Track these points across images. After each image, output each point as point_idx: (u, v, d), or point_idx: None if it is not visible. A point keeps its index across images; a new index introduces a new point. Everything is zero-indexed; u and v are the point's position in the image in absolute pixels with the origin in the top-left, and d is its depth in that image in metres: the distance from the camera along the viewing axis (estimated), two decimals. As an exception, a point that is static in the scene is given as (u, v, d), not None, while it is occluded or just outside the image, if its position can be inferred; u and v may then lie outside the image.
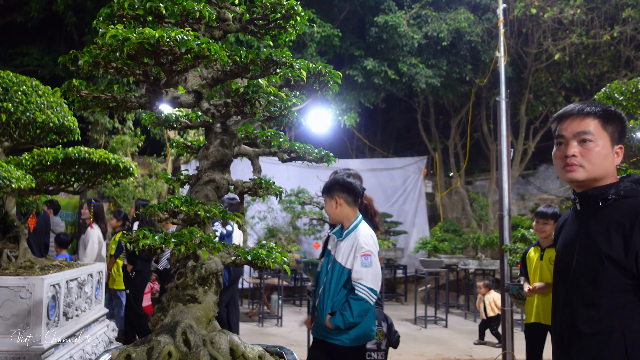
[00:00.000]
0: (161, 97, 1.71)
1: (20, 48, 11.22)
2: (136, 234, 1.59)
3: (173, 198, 1.67)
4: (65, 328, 3.97)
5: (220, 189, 2.01)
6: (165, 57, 1.43)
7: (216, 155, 2.01)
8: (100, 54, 1.45)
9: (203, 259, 1.79)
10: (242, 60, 1.62)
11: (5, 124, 4.11)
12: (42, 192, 4.68)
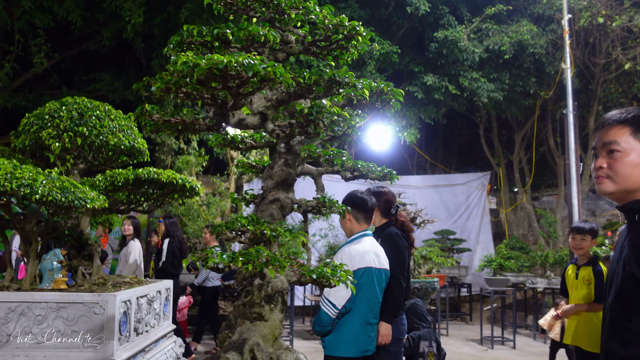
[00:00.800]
0: (228, 119, 1.76)
1: (93, 75, 11.82)
2: (205, 252, 1.64)
3: (240, 217, 1.71)
4: (135, 343, 4.09)
5: (284, 208, 2.04)
6: (232, 81, 1.48)
7: (280, 174, 2.05)
8: (171, 80, 1.51)
9: (269, 277, 1.81)
10: (306, 82, 1.65)
11: (80, 147, 4.33)
12: (114, 212, 4.88)
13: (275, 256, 1.68)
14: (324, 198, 2.07)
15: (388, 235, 4.29)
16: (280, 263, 1.66)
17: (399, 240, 4.33)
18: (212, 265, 1.59)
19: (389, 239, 4.29)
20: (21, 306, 3.67)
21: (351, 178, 2.22)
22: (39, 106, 10.94)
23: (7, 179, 3.34)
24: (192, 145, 11.99)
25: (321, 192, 2.19)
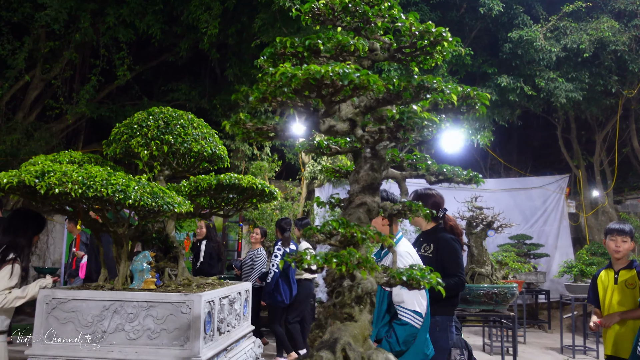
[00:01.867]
0: (319, 126, 1.83)
1: (171, 85, 12.32)
2: (299, 254, 1.71)
3: (331, 220, 1.77)
4: (218, 342, 4.25)
5: (371, 212, 2.08)
6: (326, 90, 1.54)
7: (366, 179, 2.09)
8: (268, 89, 1.59)
9: (359, 279, 1.86)
10: (395, 88, 1.69)
11: (166, 154, 4.55)
12: (197, 216, 5.09)
13: (367, 258, 1.73)
14: (411, 202, 2.10)
15: (442, 240, 4.22)
16: (372, 265, 1.70)
17: (455, 244, 4.25)
18: (306, 266, 1.66)
19: (444, 243, 4.21)
20: (115, 305, 3.90)
21: (436, 182, 2.23)
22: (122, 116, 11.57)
23: (103, 185, 3.57)
24: (265, 151, 12.26)
25: (405, 196, 2.22)
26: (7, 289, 4.18)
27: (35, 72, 11.13)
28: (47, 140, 11.32)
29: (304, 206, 11.50)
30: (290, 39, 1.71)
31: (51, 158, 4.40)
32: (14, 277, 4.24)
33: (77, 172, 3.62)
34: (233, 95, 1.78)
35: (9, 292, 4.19)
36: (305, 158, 11.86)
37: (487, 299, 5.34)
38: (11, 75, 10.63)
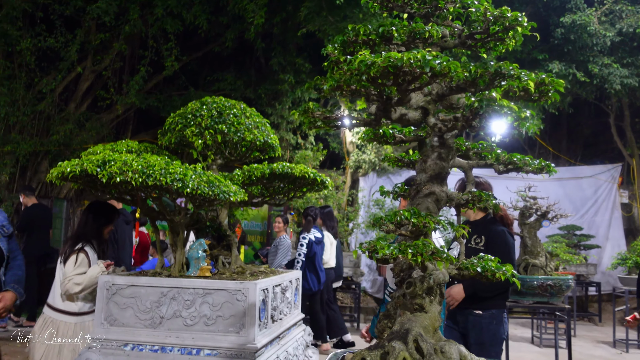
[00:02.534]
0: (390, 114, 1.80)
1: (217, 75, 12.45)
2: (373, 244, 1.69)
3: (403, 210, 1.75)
4: (272, 330, 4.29)
5: (439, 201, 2.05)
6: (403, 77, 1.52)
7: (434, 168, 2.06)
8: (343, 78, 1.58)
9: (431, 270, 1.84)
10: (471, 75, 1.65)
11: (220, 143, 4.60)
12: (249, 205, 5.14)
13: (441, 249, 1.70)
14: (480, 192, 2.06)
15: (495, 233, 4.13)
16: (447, 255, 1.68)
17: (509, 239, 4.15)
18: (382, 256, 1.64)
19: (498, 236, 4.12)
20: (172, 291, 3.97)
21: (504, 171, 2.18)
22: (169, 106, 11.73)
23: (162, 174, 3.63)
24: (309, 140, 12.28)
25: (471, 186, 2.18)
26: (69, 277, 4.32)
27: (87, 63, 11.40)
28: (97, 130, 11.62)
29: (348, 195, 11.48)
30: (363, 27, 1.69)
31: (109, 147, 4.50)
32: (80, 266, 4.38)
33: (137, 161, 3.69)
34: (307, 84, 1.77)
35: (69, 280, 4.33)
36: (349, 147, 11.83)
37: (542, 290, 5.23)
38: (64, 67, 10.93)
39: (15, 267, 3.06)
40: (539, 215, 5.56)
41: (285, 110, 11.76)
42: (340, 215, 10.86)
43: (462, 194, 2.14)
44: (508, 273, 1.72)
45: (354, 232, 11.03)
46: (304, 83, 11.81)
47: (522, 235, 5.65)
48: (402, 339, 1.79)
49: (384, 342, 1.84)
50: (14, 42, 10.61)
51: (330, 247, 7.73)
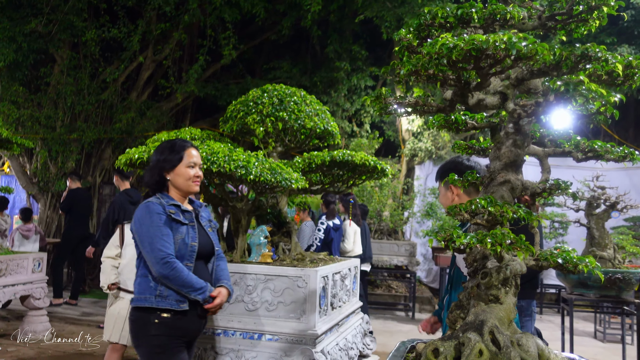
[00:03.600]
0: (467, 100, 1.75)
1: (273, 63, 12.52)
2: (449, 232, 1.66)
3: (480, 198, 1.70)
4: (331, 317, 4.31)
5: (514, 190, 1.98)
6: (485, 61, 1.47)
7: (509, 155, 1.99)
8: (420, 62, 1.54)
9: (507, 260, 1.78)
10: (555, 58, 1.58)
11: (280, 131, 4.62)
12: (308, 192, 5.16)
13: (520, 239, 1.64)
14: (558, 181, 1.98)
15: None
16: (527, 246, 1.62)
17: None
18: (459, 246, 1.61)
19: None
20: (234, 277, 4.04)
21: (583, 159, 2.09)
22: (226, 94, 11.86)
23: (226, 160, 3.68)
24: (365, 128, 12.21)
25: (547, 174, 2.10)
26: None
27: (148, 53, 11.69)
28: (158, 118, 11.92)
29: (403, 183, 11.37)
30: (440, 9, 1.64)
31: (173, 134, 4.60)
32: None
33: (201, 148, 3.75)
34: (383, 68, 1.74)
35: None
36: (405, 135, 11.69)
37: (610, 284, 5.04)
38: (126, 56, 11.24)
39: (222, 262, 3.05)
40: (608, 206, 5.34)
41: (340, 98, 11.72)
42: (396, 204, 10.77)
43: (539, 182, 2.07)
44: (592, 264, 1.65)
45: (410, 221, 10.93)
46: (360, 70, 11.73)
47: (588, 227, 5.45)
48: (477, 330, 1.75)
49: (457, 333, 1.80)
50: (80, 33, 10.98)
51: (353, 235, 7.66)
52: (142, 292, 2.82)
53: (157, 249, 2.72)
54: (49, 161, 11.10)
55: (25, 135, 10.58)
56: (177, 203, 2.91)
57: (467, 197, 2.88)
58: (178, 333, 2.81)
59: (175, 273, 2.72)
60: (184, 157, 2.95)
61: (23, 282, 5.88)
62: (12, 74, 10.95)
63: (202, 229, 3.00)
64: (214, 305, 2.86)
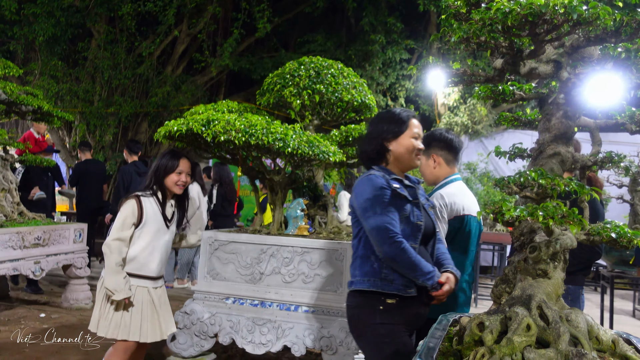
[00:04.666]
0: (519, 68, 1.69)
1: (307, 36, 12.41)
2: (499, 205, 1.62)
3: (530, 171, 1.65)
4: (368, 290, 4.31)
5: (565, 163, 1.93)
6: (542, 27, 1.41)
7: (559, 127, 1.93)
8: (471, 29, 1.48)
9: (557, 234, 1.73)
10: (615, 24, 1.50)
11: (317, 104, 4.59)
12: (344, 166, 5.13)
13: (573, 212, 1.59)
14: (610, 153, 1.91)
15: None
16: (580, 220, 1.57)
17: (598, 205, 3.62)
18: (508, 218, 1.57)
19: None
20: (272, 249, 4.06)
21: (637, 131, 2.01)
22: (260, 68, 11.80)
23: (264, 133, 3.68)
24: (399, 102, 12.06)
25: (598, 147, 2.03)
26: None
27: (182, 27, 11.72)
28: (192, 92, 11.98)
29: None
30: (492, -26, 1.57)
31: (211, 107, 4.61)
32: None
33: (239, 120, 3.75)
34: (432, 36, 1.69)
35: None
36: (441, 109, 11.51)
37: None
38: (161, 30, 11.29)
39: (442, 245, 2.72)
40: (653, 182, 5.19)
41: (375, 71, 11.57)
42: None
43: (589, 155, 2.00)
44: (648, 240, 1.59)
45: (444, 196, 10.82)
46: (395, 43, 11.54)
47: (632, 203, 5.31)
48: (524, 304, 1.72)
49: (504, 307, 1.77)
50: (116, 7, 11.05)
51: (347, 205, 7.51)
52: (366, 275, 2.52)
53: (384, 227, 2.41)
54: (87, 134, 11.31)
55: (65, 109, 10.78)
56: (400, 177, 2.59)
57: (446, 166, 3.12)
58: (403, 321, 2.50)
59: (404, 254, 2.39)
60: (408, 126, 2.59)
61: (65, 252, 6.04)
62: (51, 49, 11.13)
63: (422, 207, 2.65)
64: (442, 292, 2.45)
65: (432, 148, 3.14)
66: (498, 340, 1.67)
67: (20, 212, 5.94)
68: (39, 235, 5.64)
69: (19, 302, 6.38)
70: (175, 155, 3.56)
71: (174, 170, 3.50)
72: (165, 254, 3.59)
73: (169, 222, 3.57)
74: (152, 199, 3.49)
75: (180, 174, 3.53)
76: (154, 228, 3.47)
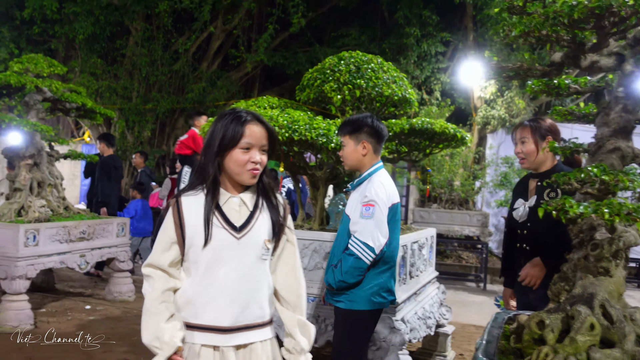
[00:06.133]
0: (579, 62, 1.66)
1: (341, 30, 12.38)
2: (561, 202, 1.59)
3: (592, 166, 1.62)
4: (410, 286, 4.29)
5: (625, 158, 1.88)
6: (608, 19, 1.38)
7: (619, 121, 1.88)
8: (533, 22, 1.46)
9: (620, 231, 1.70)
10: (685, 15, 1.45)
11: (357, 99, 4.58)
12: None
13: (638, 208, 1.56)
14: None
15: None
16: (646, 216, 1.53)
17: None
18: (572, 216, 1.54)
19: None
20: (314, 244, 4.07)
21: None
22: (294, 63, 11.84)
23: (307, 129, 3.69)
24: (435, 96, 11.94)
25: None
26: None
27: (218, 23, 11.82)
28: (227, 87, 12.09)
29: (475, 152, 11.10)
30: (553, -34, 1.54)
31: (250, 103, 4.65)
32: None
33: (282, 116, 3.77)
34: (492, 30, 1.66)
35: None
36: (477, 102, 11.36)
37: None
38: (197, 27, 11.42)
39: None
40: None
41: (410, 65, 11.47)
42: (467, 173, 10.55)
43: (651, 150, 1.95)
44: None
45: (481, 191, 10.69)
46: (430, 36, 11.42)
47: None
48: (586, 303, 1.69)
49: (564, 306, 1.75)
50: (153, 4, 11.21)
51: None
52: None
53: None
54: (126, 130, 11.53)
55: (104, 105, 11.00)
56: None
57: (373, 154, 3.16)
58: None
59: None
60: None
61: (109, 246, 6.18)
62: (91, 47, 11.36)
63: None
64: None
65: (363, 134, 3.14)
66: (559, 340, 1.65)
67: (66, 207, 6.10)
68: (84, 230, 5.78)
69: (64, 294, 6.56)
70: (239, 118, 2.00)
71: (236, 144, 1.98)
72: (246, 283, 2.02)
73: (238, 232, 2.01)
74: (202, 197, 2.02)
75: (249, 149, 1.98)
76: (211, 246, 1.99)
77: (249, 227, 2.02)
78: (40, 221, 5.33)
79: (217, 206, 2.00)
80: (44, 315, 5.54)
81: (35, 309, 5.39)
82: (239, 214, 2.03)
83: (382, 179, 3.10)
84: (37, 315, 5.34)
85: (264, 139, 2.02)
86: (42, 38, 11.63)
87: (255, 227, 2.03)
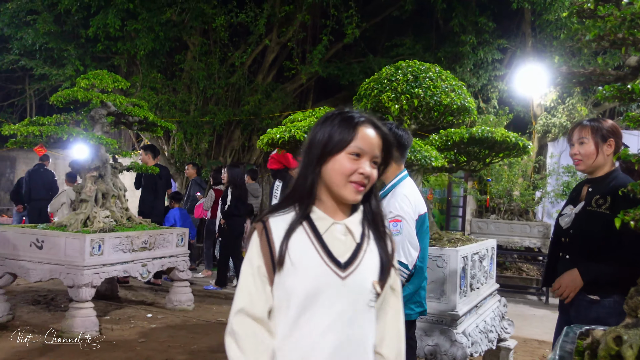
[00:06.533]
0: (658, 66, 1.59)
1: (395, 40, 12.34)
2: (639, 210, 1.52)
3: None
4: (470, 298, 4.20)
5: None
6: (692, 20, 1.31)
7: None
8: (608, 25, 1.41)
9: None
10: None
11: (415, 108, 4.54)
12: (443, 171, 5.04)
13: None
14: None
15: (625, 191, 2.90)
16: None
17: None
18: None
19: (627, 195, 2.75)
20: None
21: None
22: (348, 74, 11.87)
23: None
24: (492, 104, 11.71)
25: None
26: None
27: (272, 35, 12.01)
28: (282, 99, 12.24)
29: (535, 161, 10.79)
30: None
31: (308, 114, 4.68)
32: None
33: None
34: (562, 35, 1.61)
35: None
36: (537, 110, 11.06)
37: None
38: (252, 40, 11.63)
39: None
40: None
41: (466, 73, 11.29)
42: (527, 183, 10.26)
43: None
44: None
45: (542, 201, 10.37)
46: (486, 44, 11.22)
47: None
48: (668, 319, 1.60)
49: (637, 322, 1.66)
50: (210, 19, 11.50)
51: None
52: None
53: None
54: (184, 143, 11.83)
55: (163, 118, 11.33)
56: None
57: (396, 164, 3.03)
58: None
59: None
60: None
61: (169, 255, 6.33)
62: (151, 62, 11.74)
63: None
64: None
65: None
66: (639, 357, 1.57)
67: (129, 217, 6.29)
68: (146, 239, 5.95)
69: (127, 303, 6.75)
70: (350, 118, 1.54)
71: (344, 147, 1.52)
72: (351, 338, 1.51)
73: (343, 270, 1.51)
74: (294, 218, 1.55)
75: (359, 156, 1.51)
76: (308, 281, 1.49)
77: (356, 264, 1.52)
78: (105, 231, 5.52)
79: (315, 233, 1.52)
80: (108, 322, 5.72)
81: (100, 317, 5.57)
82: (344, 245, 1.53)
83: (406, 190, 2.99)
84: (102, 323, 5.51)
85: (377, 148, 1.53)
86: (106, 55, 12.10)
87: (363, 264, 1.53)
